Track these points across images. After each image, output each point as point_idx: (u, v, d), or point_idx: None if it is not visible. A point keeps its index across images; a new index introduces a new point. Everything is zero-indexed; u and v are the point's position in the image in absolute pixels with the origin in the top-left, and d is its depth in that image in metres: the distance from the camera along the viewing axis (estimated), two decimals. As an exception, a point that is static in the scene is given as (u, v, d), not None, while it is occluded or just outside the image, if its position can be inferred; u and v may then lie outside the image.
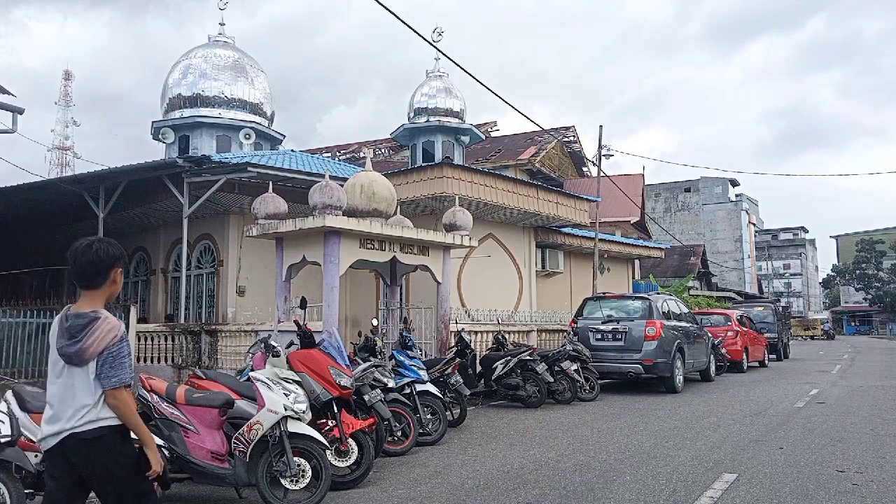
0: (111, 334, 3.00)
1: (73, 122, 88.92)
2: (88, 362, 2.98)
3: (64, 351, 2.99)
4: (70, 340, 2.99)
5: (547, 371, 11.31)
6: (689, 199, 66.90)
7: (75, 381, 2.99)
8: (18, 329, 11.24)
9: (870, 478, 6.15)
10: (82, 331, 2.98)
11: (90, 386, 2.99)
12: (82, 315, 3.03)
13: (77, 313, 3.04)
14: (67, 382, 3.00)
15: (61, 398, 3.00)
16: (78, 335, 2.98)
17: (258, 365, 6.27)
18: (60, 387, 3.01)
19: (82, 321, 3.01)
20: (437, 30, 20.18)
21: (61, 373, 3.02)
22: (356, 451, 6.22)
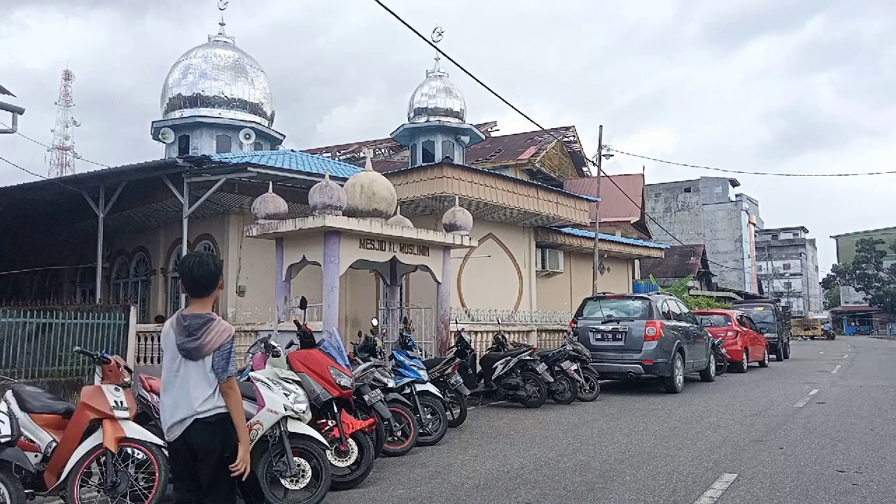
0: (225, 333, 3.49)
1: (73, 122, 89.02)
2: (205, 357, 3.43)
3: (185, 346, 3.43)
4: (189, 338, 3.43)
5: (547, 371, 11.31)
6: (689, 199, 66.86)
7: (191, 373, 3.44)
8: (18, 329, 11.23)
9: (870, 478, 6.15)
10: (200, 329, 3.43)
11: (207, 378, 3.45)
12: (199, 316, 3.48)
13: (194, 314, 3.49)
14: (184, 375, 3.44)
15: (179, 389, 3.44)
16: (197, 333, 3.43)
17: (258, 365, 6.27)
18: (178, 379, 3.45)
19: (200, 321, 3.46)
20: (437, 30, 20.18)
21: (179, 367, 3.46)
22: (356, 451, 6.22)
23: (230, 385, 3.49)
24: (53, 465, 4.97)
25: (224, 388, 3.48)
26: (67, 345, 11.45)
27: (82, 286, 18.78)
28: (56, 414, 5.27)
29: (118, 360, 5.35)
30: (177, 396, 3.44)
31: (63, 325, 11.65)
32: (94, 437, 4.97)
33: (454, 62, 12.41)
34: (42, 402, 5.29)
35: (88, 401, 5.05)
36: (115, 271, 17.81)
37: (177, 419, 3.43)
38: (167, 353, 3.53)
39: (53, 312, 11.72)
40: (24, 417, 5.06)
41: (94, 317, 12.02)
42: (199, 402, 3.41)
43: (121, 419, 5.03)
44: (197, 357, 3.44)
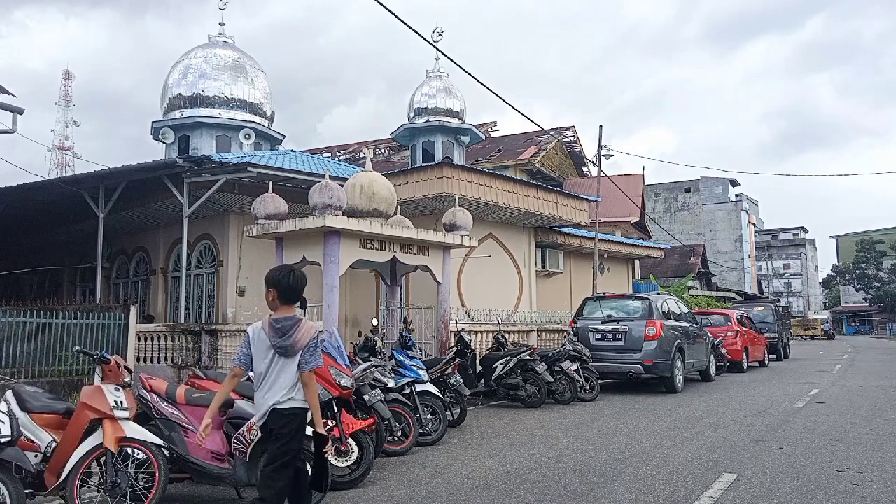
0: (312, 332, 4.05)
1: (73, 122, 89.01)
2: (297, 353, 3.99)
3: (279, 345, 3.99)
4: (282, 337, 3.98)
5: (547, 371, 11.31)
6: (689, 199, 66.88)
7: (287, 368, 4.02)
8: (18, 329, 11.23)
9: (870, 478, 6.15)
10: (291, 329, 4.00)
11: (293, 373, 4.01)
12: (289, 318, 4.05)
13: (285, 317, 4.05)
14: (279, 370, 4.01)
15: (273, 381, 4.01)
16: (288, 332, 3.98)
17: (258, 365, 6.26)
18: (271, 373, 4.02)
19: (290, 323, 4.03)
20: (437, 30, 20.19)
21: (272, 362, 4.02)
22: (356, 451, 6.22)
23: (310, 377, 4.04)
24: (53, 465, 4.96)
25: (304, 378, 4.02)
26: (67, 345, 11.44)
27: (82, 286, 18.78)
28: (56, 414, 5.26)
29: (118, 360, 5.34)
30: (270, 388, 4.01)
31: (63, 325, 11.65)
32: (94, 437, 4.97)
33: (454, 62, 12.43)
34: (42, 402, 5.29)
35: (88, 401, 5.05)
36: (115, 271, 17.81)
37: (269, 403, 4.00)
38: (259, 351, 4.08)
39: (53, 312, 11.72)
40: (24, 417, 5.05)
41: (94, 317, 12.02)
42: (282, 393, 3.97)
43: (121, 419, 5.03)
44: (292, 353, 4.00)
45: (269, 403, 3.99)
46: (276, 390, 4.01)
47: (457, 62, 16.13)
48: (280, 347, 3.98)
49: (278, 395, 3.99)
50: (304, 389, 4.01)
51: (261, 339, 4.08)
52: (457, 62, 16.13)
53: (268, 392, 4.03)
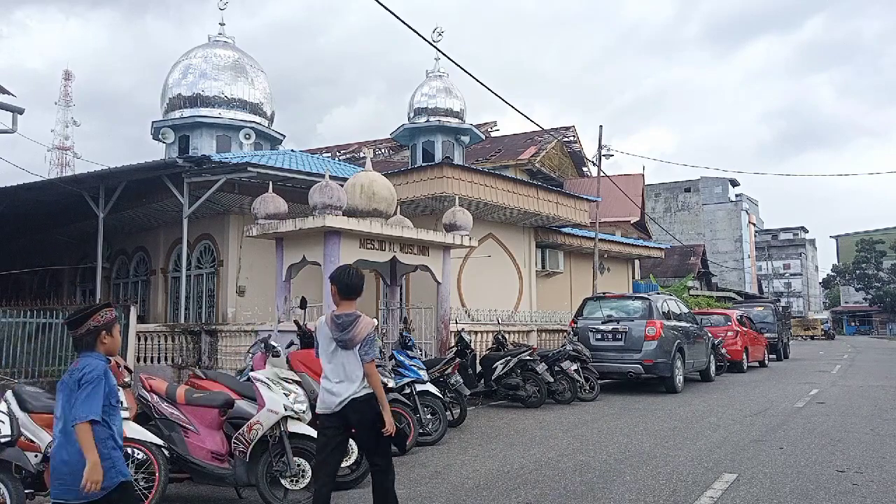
0: (369, 327, 4.35)
1: (73, 122, 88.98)
2: (355, 346, 4.31)
3: (340, 339, 4.33)
4: (342, 332, 4.32)
5: (547, 371, 11.31)
6: (689, 199, 66.87)
7: (346, 360, 4.34)
8: (18, 329, 11.23)
9: (870, 478, 6.15)
10: (350, 325, 4.31)
11: (358, 363, 4.33)
12: (349, 315, 4.36)
13: (345, 314, 4.37)
14: (341, 362, 4.36)
15: (338, 374, 4.36)
16: (347, 328, 4.31)
17: (258, 365, 6.27)
18: (336, 366, 4.37)
19: (350, 319, 4.34)
20: (437, 30, 20.19)
21: (333, 356, 4.38)
22: (356, 451, 6.22)
23: (371, 368, 4.35)
24: (53, 465, 4.96)
25: (367, 368, 4.34)
26: (67, 345, 11.44)
27: (82, 286, 18.78)
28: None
29: (118, 360, 5.34)
30: (337, 378, 4.36)
31: (63, 325, 11.65)
32: (94, 437, 4.96)
33: (454, 62, 12.42)
34: (42, 402, 5.29)
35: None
36: (115, 271, 17.81)
37: (341, 398, 4.32)
38: (322, 344, 4.46)
39: (53, 312, 11.72)
40: (24, 417, 5.06)
41: (94, 317, 12.00)
42: (356, 384, 4.31)
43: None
44: (351, 346, 4.32)
45: (348, 393, 4.31)
46: (350, 380, 4.34)
47: (457, 62, 16.14)
48: (341, 341, 4.35)
49: (355, 386, 4.33)
50: (368, 378, 4.35)
51: (324, 333, 4.46)
52: (457, 62, 16.14)
53: (341, 383, 4.35)
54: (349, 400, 4.31)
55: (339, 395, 4.33)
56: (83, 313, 3.40)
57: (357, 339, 4.30)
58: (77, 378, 3.23)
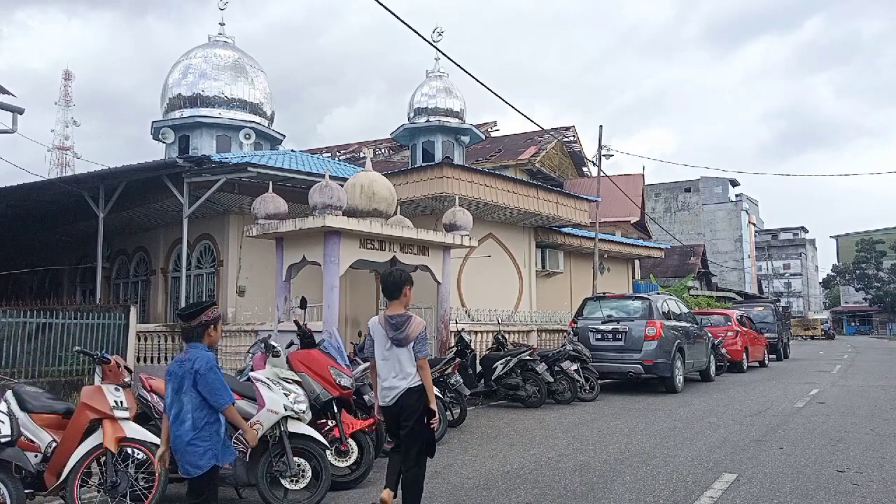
0: (420, 326, 4.78)
1: (73, 122, 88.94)
2: (409, 344, 4.72)
3: (395, 338, 4.73)
4: (397, 331, 4.73)
5: (547, 371, 11.31)
6: (689, 199, 66.86)
7: (401, 357, 4.76)
8: (18, 329, 11.22)
9: (870, 478, 6.15)
10: (403, 324, 4.73)
11: (411, 359, 4.75)
12: (400, 315, 4.78)
13: (398, 314, 4.79)
14: (395, 358, 4.76)
15: (393, 369, 4.77)
16: (401, 327, 4.73)
17: (258, 365, 6.27)
18: (390, 362, 4.78)
19: (402, 318, 4.76)
20: (437, 30, 20.19)
21: (388, 353, 4.78)
22: (356, 451, 6.22)
23: (423, 363, 4.77)
24: (53, 465, 4.96)
25: (420, 364, 4.76)
26: (67, 345, 11.44)
27: (82, 286, 18.78)
28: (56, 414, 5.26)
29: (118, 360, 5.34)
30: (393, 374, 4.76)
31: (63, 325, 11.64)
32: (94, 437, 4.97)
33: (454, 62, 12.42)
34: (42, 402, 5.29)
35: (88, 401, 5.05)
36: (115, 271, 17.81)
37: (395, 392, 4.75)
38: (377, 341, 4.86)
39: (53, 312, 11.71)
40: (24, 417, 5.06)
41: (94, 317, 12.02)
42: (410, 377, 4.74)
43: (121, 419, 5.03)
44: (405, 344, 4.73)
45: (402, 386, 4.76)
46: (403, 374, 4.77)
47: (457, 62, 16.14)
48: (396, 339, 4.75)
49: (408, 379, 4.76)
50: (420, 372, 4.77)
51: (378, 333, 4.86)
52: (457, 62, 16.14)
53: (395, 377, 4.78)
54: (403, 392, 4.76)
55: (393, 388, 4.77)
56: (198, 308, 3.98)
57: (411, 336, 4.74)
58: (191, 368, 3.80)
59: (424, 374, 4.78)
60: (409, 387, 4.75)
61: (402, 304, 4.88)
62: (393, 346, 4.77)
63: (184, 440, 3.77)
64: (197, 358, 3.82)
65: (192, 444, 3.77)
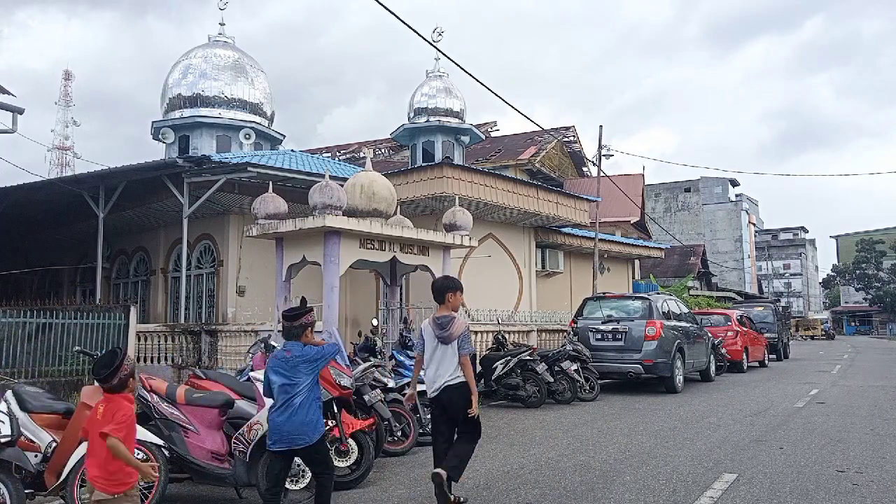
0: (463, 326, 5.33)
1: (73, 122, 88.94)
2: (453, 342, 5.27)
3: (441, 336, 5.31)
4: (442, 330, 5.31)
5: (547, 371, 11.31)
6: (689, 199, 66.85)
7: (445, 354, 5.31)
8: (18, 329, 11.22)
9: (870, 478, 6.15)
10: (448, 324, 5.31)
11: (455, 357, 5.27)
12: (445, 316, 5.38)
13: (443, 315, 5.40)
14: (440, 356, 5.33)
15: (438, 365, 5.33)
16: (446, 326, 5.31)
17: (258, 365, 6.26)
18: (436, 359, 5.35)
19: (447, 319, 5.35)
20: (437, 30, 20.19)
21: (435, 351, 5.35)
22: (356, 451, 6.22)
23: (466, 360, 5.28)
24: (53, 465, 4.96)
25: (463, 360, 5.27)
26: (67, 345, 11.44)
27: (82, 286, 18.78)
28: (56, 414, 5.26)
29: (118, 360, 5.33)
30: (438, 369, 5.33)
31: (63, 325, 11.64)
32: (95, 437, 4.96)
33: (454, 62, 12.41)
34: (42, 402, 5.29)
35: (88, 401, 5.04)
36: (115, 271, 17.81)
37: (438, 384, 5.31)
38: (427, 341, 5.44)
39: (53, 312, 11.71)
40: (24, 417, 5.05)
41: (94, 317, 12.02)
42: (451, 373, 5.26)
43: (121, 419, 5.02)
44: (449, 342, 5.29)
45: (443, 380, 5.29)
46: (445, 369, 5.30)
47: (457, 62, 16.14)
48: (441, 337, 5.31)
49: (449, 374, 5.28)
50: (463, 368, 5.28)
51: (428, 332, 5.44)
52: (457, 62, 16.14)
53: (438, 371, 5.34)
54: (444, 386, 5.29)
55: (437, 381, 5.34)
56: (300, 311, 4.74)
57: (454, 335, 5.28)
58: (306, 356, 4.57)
59: (467, 370, 5.28)
60: (451, 382, 5.28)
61: (448, 306, 5.45)
62: (439, 344, 5.33)
63: (299, 415, 4.49)
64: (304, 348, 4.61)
65: (309, 416, 4.52)
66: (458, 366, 5.28)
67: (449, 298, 5.44)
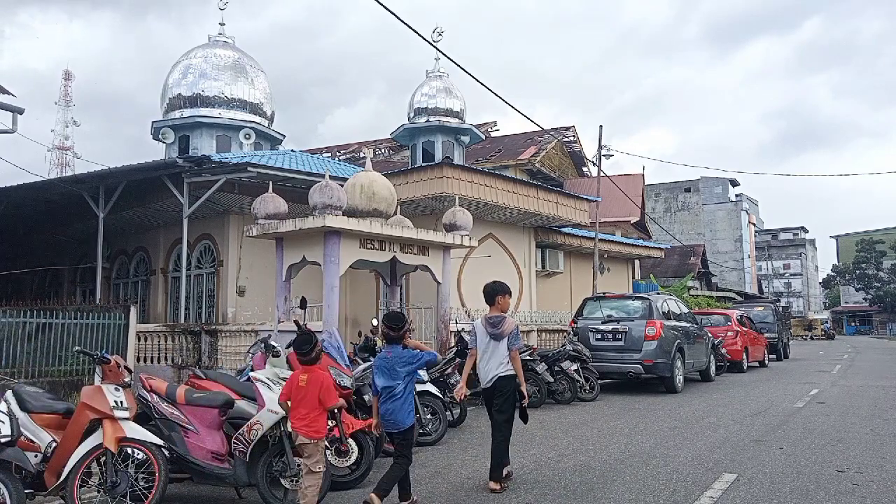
0: (512, 324, 6.08)
1: (73, 122, 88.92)
2: (503, 339, 6.01)
3: (492, 333, 6.06)
4: (493, 328, 6.05)
5: (547, 371, 11.30)
6: (689, 199, 66.85)
7: (497, 349, 6.04)
8: (18, 329, 11.22)
9: (870, 478, 6.15)
10: (499, 323, 6.06)
11: (505, 352, 6.02)
12: (497, 316, 6.14)
13: (495, 315, 6.15)
14: (492, 350, 6.07)
15: (490, 359, 6.07)
16: (497, 325, 6.05)
17: (258, 365, 6.26)
18: (488, 353, 6.08)
19: (498, 318, 6.10)
20: (437, 30, 20.20)
21: (487, 346, 6.09)
22: (356, 451, 6.21)
23: (515, 355, 6.05)
24: (53, 465, 4.96)
25: (512, 354, 6.03)
26: (67, 345, 11.44)
27: (82, 286, 18.78)
28: (56, 414, 5.26)
29: (118, 360, 5.33)
30: (489, 362, 6.06)
31: (63, 325, 11.65)
32: (94, 437, 4.96)
33: (454, 62, 12.41)
34: (42, 402, 5.28)
35: (88, 401, 5.04)
36: (115, 271, 17.81)
37: (491, 375, 6.03)
38: (479, 337, 6.17)
39: (53, 312, 11.72)
40: (24, 417, 5.05)
41: (94, 317, 12.02)
42: (502, 366, 6.01)
43: (121, 419, 5.02)
44: (500, 339, 6.02)
45: (494, 373, 6.02)
46: (496, 362, 6.02)
47: (457, 62, 16.12)
48: (493, 335, 6.05)
49: (500, 367, 6.00)
50: (513, 362, 6.02)
51: (480, 330, 6.19)
52: (457, 62, 16.12)
53: (489, 364, 6.07)
54: (497, 377, 6.00)
55: (489, 373, 6.03)
56: (403, 320, 5.52)
57: (505, 332, 6.01)
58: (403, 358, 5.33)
59: (516, 363, 6.04)
60: (502, 374, 5.99)
61: (498, 308, 6.20)
62: (491, 341, 6.06)
63: (399, 405, 5.25)
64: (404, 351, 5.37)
65: (404, 407, 5.27)
66: (507, 359, 5.99)
67: (499, 301, 6.21)
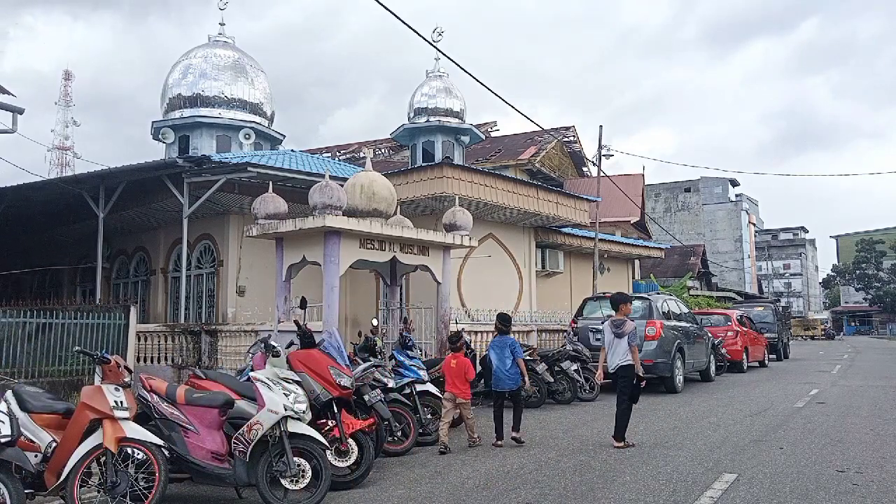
0: (632, 326, 7.87)
1: (74, 122, 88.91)
2: (624, 336, 7.77)
3: (616, 332, 7.84)
4: (617, 329, 7.85)
5: (547, 371, 11.30)
6: (689, 199, 66.86)
7: (620, 344, 7.82)
8: (18, 329, 11.23)
9: (870, 478, 6.15)
10: (622, 325, 7.85)
11: (626, 346, 7.78)
12: (620, 319, 7.94)
13: (617, 318, 7.98)
14: (616, 346, 7.85)
15: (614, 352, 7.88)
16: (620, 326, 7.85)
17: (258, 365, 6.26)
18: (613, 348, 7.90)
19: (621, 321, 7.89)
20: (438, 30, 20.19)
21: (612, 343, 7.89)
22: (356, 451, 6.21)
23: (635, 346, 7.80)
24: (53, 465, 4.96)
25: (632, 348, 7.76)
26: (67, 345, 11.45)
27: (82, 286, 18.78)
28: (56, 414, 5.26)
29: (118, 360, 5.33)
30: (614, 356, 7.86)
31: (63, 325, 11.65)
32: (94, 437, 4.96)
33: (454, 62, 12.41)
34: (42, 402, 5.28)
35: (88, 401, 5.04)
36: (115, 271, 17.81)
37: (615, 364, 7.84)
38: (606, 335, 8.00)
39: (53, 312, 11.72)
40: (24, 417, 5.05)
41: (94, 317, 12.03)
42: (624, 357, 7.78)
43: (121, 419, 5.02)
44: (622, 336, 7.79)
45: (617, 363, 7.82)
46: (619, 355, 7.80)
47: (457, 62, 16.11)
48: (616, 333, 7.85)
49: (622, 358, 7.78)
50: (631, 354, 7.75)
51: (607, 330, 8.00)
52: (457, 62, 16.11)
53: (613, 356, 7.88)
54: (619, 366, 7.79)
55: (614, 362, 7.84)
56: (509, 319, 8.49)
57: (626, 332, 7.77)
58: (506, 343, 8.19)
59: (634, 355, 7.73)
60: (623, 363, 7.76)
61: (621, 313, 8.02)
62: (615, 338, 7.82)
63: (506, 372, 8.09)
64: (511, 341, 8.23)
65: (509, 373, 8.06)
66: (627, 352, 7.71)
67: (621, 308, 8.09)
